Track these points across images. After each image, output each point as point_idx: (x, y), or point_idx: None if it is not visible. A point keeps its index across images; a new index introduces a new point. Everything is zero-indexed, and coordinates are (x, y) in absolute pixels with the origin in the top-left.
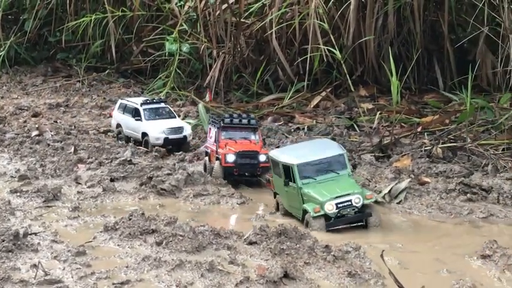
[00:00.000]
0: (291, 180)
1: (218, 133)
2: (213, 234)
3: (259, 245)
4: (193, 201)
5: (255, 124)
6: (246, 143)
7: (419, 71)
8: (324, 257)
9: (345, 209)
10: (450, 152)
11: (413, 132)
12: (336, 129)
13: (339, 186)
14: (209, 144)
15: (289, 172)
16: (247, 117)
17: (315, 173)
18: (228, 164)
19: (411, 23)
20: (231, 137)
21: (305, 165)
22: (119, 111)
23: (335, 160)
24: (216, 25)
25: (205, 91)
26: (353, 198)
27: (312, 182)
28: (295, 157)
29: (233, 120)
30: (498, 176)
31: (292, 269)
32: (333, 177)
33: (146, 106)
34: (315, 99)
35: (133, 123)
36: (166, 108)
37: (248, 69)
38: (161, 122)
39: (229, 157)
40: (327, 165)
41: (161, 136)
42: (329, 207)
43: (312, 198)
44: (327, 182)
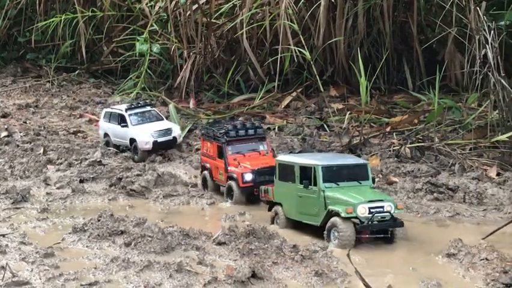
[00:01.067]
0: (311, 184)
1: (224, 149)
2: (182, 235)
3: (228, 245)
4: (162, 202)
5: (263, 133)
6: (256, 156)
7: (388, 72)
8: (292, 257)
9: (377, 215)
10: (418, 152)
11: (382, 132)
12: (306, 130)
13: (368, 192)
14: (207, 157)
15: (309, 175)
16: (253, 127)
17: (338, 179)
18: (247, 183)
19: (380, 23)
20: (238, 151)
21: (329, 168)
22: (105, 120)
23: (358, 169)
24: (186, 25)
25: (189, 97)
26: (385, 205)
27: (335, 186)
28: (317, 160)
29: (239, 133)
30: (464, 176)
31: (260, 269)
32: (356, 186)
33: (132, 111)
34: (285, 100)
35: (119, 130)
36: (152, 111)
37: (219, 70)
38: (148, 126)
39: (247, 176)
40: (350, 173)
41: (150, 140)
42: (362, 210)
43: (340, 201)
44: (352, 188)
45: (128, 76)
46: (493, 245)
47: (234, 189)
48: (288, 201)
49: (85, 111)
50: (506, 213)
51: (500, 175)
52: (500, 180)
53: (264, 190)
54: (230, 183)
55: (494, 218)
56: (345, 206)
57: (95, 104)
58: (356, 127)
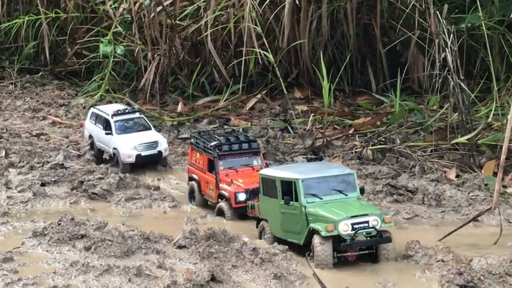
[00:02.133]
0: (293, 199)
1: (216, 163)
2: (143, 238)
3: (189, 248)
4: (124, 205)
5: (257, 148)
6: (249, 172)
7: (352, 74)
8: (251, 260)
9: (361, 231)
10: (380, 154)
11: (344, 134)
12: (270, 132)
13: (353, 206)
14: (196, 169)
15: (290, 189)
16: (247, 140)
17: (321, 192)
18: (240, 204)
19: (344, 26)
20: (231, 166)
21: (311, 181)
22: (91, 121)
23: (344, 180)
24: (150, 27)
25: (177, 101)
26: (370, 220)
27: (318, 201)
28: (298, 173)
29: (232, 147)
30: (424, 178)
31: (219, 272)
32: (342, 198)
33: (118, 117)
34: (250, 102)
35: (104, 136)
36: (140, 118)
37: (184, 72)
38: (133, 136)
39: (241, 196)
40: (334, 185)
41: (133, 153)
42: (344, 227)
43: (321, 218)
44: (336, 203)
45: (92, 78)
46: (450, 246)
47: (226, 210)
48: (272, 218)
49: (48, 113)
50: (464, 214)
51: (459, 177)
52: (459, 182)
53: (251, 206)
54: (221, 204)
55: (452, 220)
56: (326, 224)
57: (58, 106)
58: (319, 129)
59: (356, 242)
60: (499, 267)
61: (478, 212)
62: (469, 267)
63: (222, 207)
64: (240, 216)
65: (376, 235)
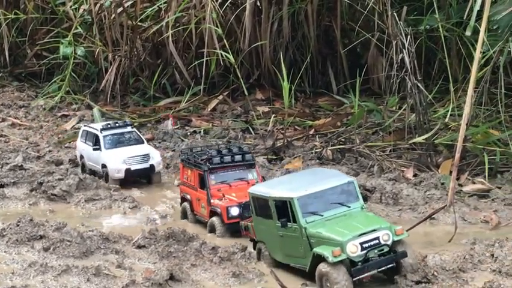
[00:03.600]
0: (290, 220)
1: (206, 177)
2: (102, 238)
3: (148, 248)
4: (84, 206)
5: (252, 160)
6: (244, 186)
7: (313, 75)
8: (210, 259)
9: (373, 250)
10: (339, 154)
11: (305, 135)
12: (232, 132)
13: (358, 221)
14: (188, 187)
15: (285, 210)
16: (240, 152)
17: (321, 208)
18: (233, 219)
19: (305, 27)
20: (223, 181)
21: (307, 198)
22: (82, 139)
23: (343, 190)
24: (111, 28)
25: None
26: (380, 235)
27: (319, 219)
28: (291, 189)
29: (223, 159)
30: (382, 177)
31: (178, 271)
32: (345, 212)
33: (107, 132)
34: (212, 103)
35: (92, 153)
36: (132, 132)
37: (145, 73)
38: (123, 150)
39: (233, 210)
40: (334, 198)
41: (122, 168)
42: (353, 249)
43: (325, 240)
44: (339, 218)
45: (52, 79)
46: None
47: (217, 226)
48: (271, 241)
49: (8, 115)
50: (420, 212)
51: (416, 176)
52: (416, 181)
53: (245, 227)
54: (213, 219)
55: (409, 218)
56: (331, 247)
57: (18, 107)
58: (280, 130)
59: (369, 265)
60: (452, 263)
61: (433, 210)
62: (424, 263)
63: (213, 223)
64: (232, 233)
65: (389, 251)
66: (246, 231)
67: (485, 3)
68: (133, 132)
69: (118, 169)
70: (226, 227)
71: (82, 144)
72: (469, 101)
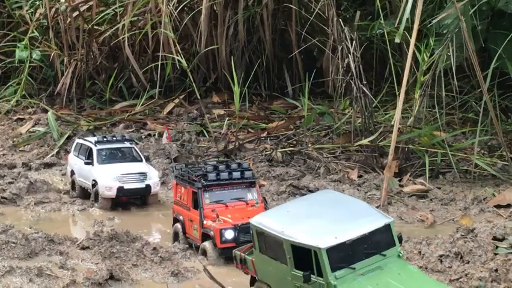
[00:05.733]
0: (313, 272)
1: (200, 196)
2: (47, 240)
3: (92, 249)
4: (34, 209)
5: (252, 177)
6: (242, 207)
7: (269, 78)
8: (151, 259)
9: None
10: (289, 156)
11: (257, 137)
12: (186, 135)
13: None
14: (180, 206)
15: (307, 258)
16: (239, 168)
17: (353, 259)
18: (227, 243)
19: (261, 31)
20: (218, 200)
21: (339, 248)
22: (74, 153)
23: (379, 234)
24: (67, 32)
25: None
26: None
27: (351, 273)
28: (316, 234)
29: (220, 176)
30: (327, 178)
31: (118, 271)
32: (379, 261)
33: (102, 146)
34: (168, 106)
35: (84, 168)
36: (130, 148)
37: (102, 76)
38: (116, 167)
39: (228, 233)
40: (368, 245)
41: (114, 185)
42: None
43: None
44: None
45: (8, 83)
46: None
47: (209, 251)
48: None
49: None
50: None
51: (361, 177)
52: (359, 182)
53: (240, 259)
54: (204, 244)
55: None
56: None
57: None
58: (234, 133)
59: None
60: None
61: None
62: None
63: (204, 247)
64: (227, 259)
65: None
66: (242, 264)
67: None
68: (132, 149)
69: (109, 186)
70: (219, 252)
71: (74, 159)
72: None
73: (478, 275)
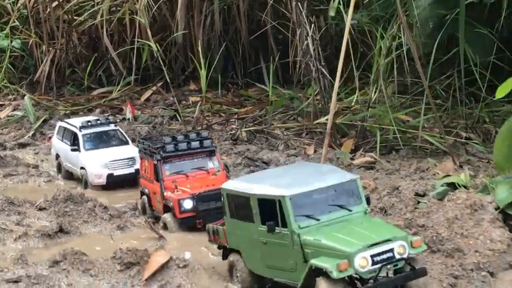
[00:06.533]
0: (278, 224)
1: (160, 168)
2: (7, 202)
3: (48, 210)
4: (2, 181)
5: (211, 146)
6: (203, 176)
7: (246, 67)
8: (101, 216)
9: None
10: (253, 135)
11: (224, 119)
12: (158, 119)
13: (366, 228)
14: (146, 180)
15: (273, 211)
16: (198, 137)
17: (318, 211)
18: (186, 213)
19: (237, 21)
20: (179, 171)
21: (302, 197)
22: (58, 137)
23: (345, 190)
24: (47, 22)
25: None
26: (395, 247)
27: (315, 224)
28: (282, 186)
29: (178, 146)
30: (285, 153)
31: (67, 225)
32: (345, 216)
33: (87, 131)
34: (146, 93)
35: (71, 154)
36: (115, 131)
37: (82, 65)
38: (104, 153)
39: (186, 203)
40: (333, 199)
41: (104, 173)
42: (363, 262)
43: (327, 250)
44: (340, 224)
45: None
46: None
47: (169, 222)
48: (248, 249)
49: None
50: None
51: (316, 152)
52: (314, 157)
53: (213, 231)
54: (164, 216)
55: None
56: (335, 259)
57: None
58: (206, 117)
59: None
60: None
61: None
62: None
63: (164, 219)
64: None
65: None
66: (214, 235)
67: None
68: (117, 131)
69: (98, 174)
70: (179, 222)
71: (58, 142)
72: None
73: (394, 223)
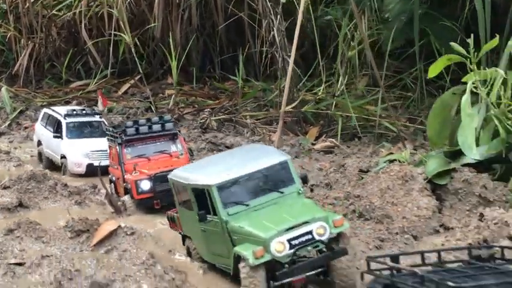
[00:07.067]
0: (210, 212)
1: (121, 152)
2: None
3: (12, 188)
4: None
5: (173, 129)
6: (165, 159)
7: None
8: (61, 193)
9: (305, 248)
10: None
11: (196, 110)
12: (133, 110)
13: (288, 211)
14: (112, 167)
15: (205, 199)
16: (160, 120)
17: (248, 196)
18: (143, 194)
19: (215, 16)
20: (141, 154)
21: (229, 184)
22: (42, 123)
23: (275, 172)
24: (25, 16)
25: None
26: (314, 229)
27: (244, 210)
28: (211, 174)
29: (139, 129)
30: (249, 139)
31: (26, 200)
32: (276, 198)
33: (71, 119)
34: (124, 86)
35: (53, 141)
36: (99, 122)
37: (60, 59)
38: (86, 142)
39: (144, 184)
40: (263, 182)
41: (83, 162)
42: (279, 247)
43: (248, 236)
44: (269, 208)
45: None
46: None
47: (128, 203)
48: (195, 236)
49: None
50: None
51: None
52: None
53: (171, 217)
54: (124, 198)
55: None
56: (254, 246)
57: None
58: (180, 108)
59: (298, 268)
60: None
61: None
62: None
63: (124, 200)
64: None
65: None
66: (172, 222)
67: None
68: (101, 123)
69: (78, 163)
70: (136, 203)
71: (42, 129)
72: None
73: (334, 195)
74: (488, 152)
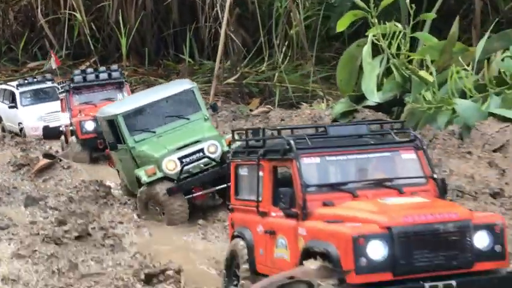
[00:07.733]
0: (120, 141)
1: (68, 98)
2: None
3: None
4: None
5: (120, 77)
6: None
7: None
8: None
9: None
10: None
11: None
12: None
13: (184, 134)
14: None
15: (115, 129)
16: (107, 70)
17: (155, 124)
18: (87, 134)
19: None
20: (88, 101)
21: (133, 113)
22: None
23: (181, 100)
24: None
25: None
26: (205, 146)
27: (150, 137)
28: (119, 106)
29: (86, 77)
30: None
31: None
32: (183, 125)
33: (24, 88)
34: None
35: (9, 112)
36: (52, 87)
37: (18, 42)
38: (40, 107)
39: (88, 125)
40: (169, 110)
41: (39, 125)
42: (170, 165)
43: (147, 158)
44: (173, 133)
45: None
46: None
47: (73, 144)
48: (119, 167)
49: None
50: None
51: None
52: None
53: (107, 156)
54: (71, 139)
55: None
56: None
57: None
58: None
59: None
60: None
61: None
62: None
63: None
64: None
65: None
66: (109, 160)
67: None
68: (55, 88)
69: (34, 127)
70: (81, 142)
71: (0, 104)
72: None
73: None
74: (385, 95)
